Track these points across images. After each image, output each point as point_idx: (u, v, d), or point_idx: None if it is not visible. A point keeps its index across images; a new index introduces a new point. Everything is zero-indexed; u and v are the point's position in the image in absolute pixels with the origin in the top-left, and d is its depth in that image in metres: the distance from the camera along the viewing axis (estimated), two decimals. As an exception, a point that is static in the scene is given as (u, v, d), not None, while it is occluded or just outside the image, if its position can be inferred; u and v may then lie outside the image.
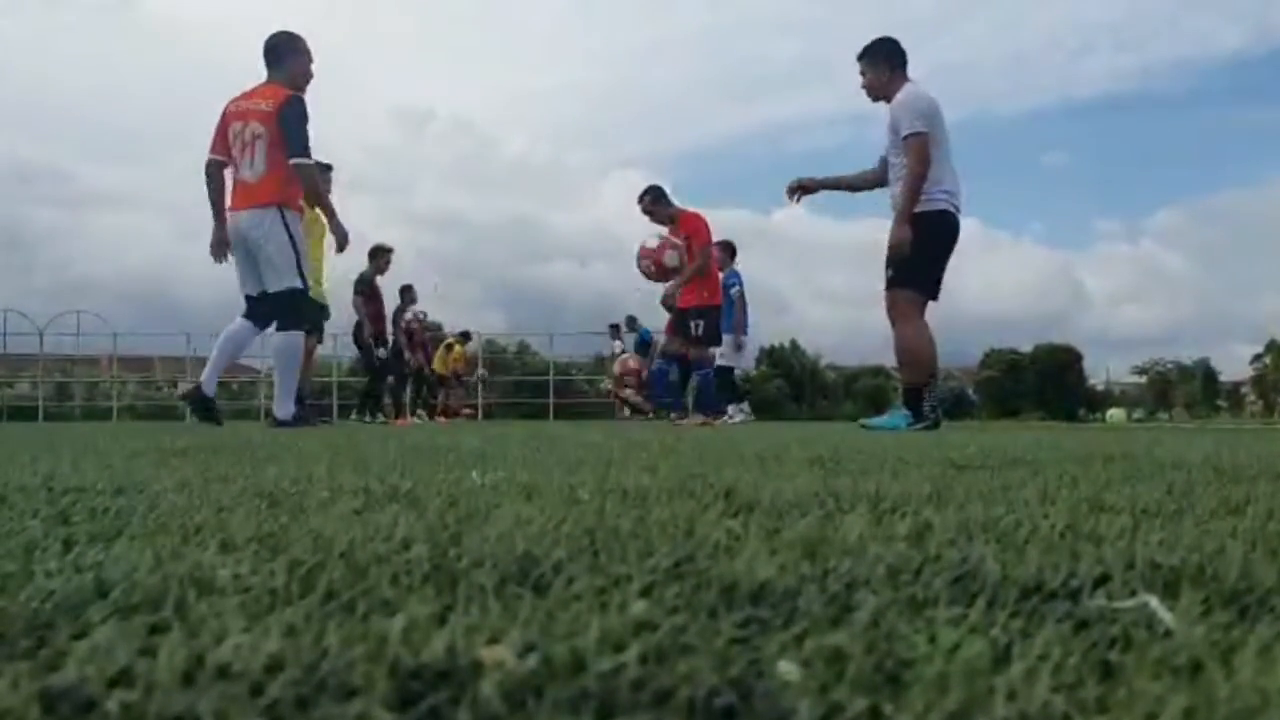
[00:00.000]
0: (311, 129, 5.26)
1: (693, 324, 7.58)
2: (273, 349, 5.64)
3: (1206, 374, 44.66)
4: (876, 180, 5.31)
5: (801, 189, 5.46)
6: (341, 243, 5.70)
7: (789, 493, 1.15)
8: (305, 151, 5.23)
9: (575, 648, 0.44)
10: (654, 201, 7.69)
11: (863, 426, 5.18)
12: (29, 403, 19.04)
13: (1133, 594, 0.58)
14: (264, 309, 5.42)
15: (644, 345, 14.26)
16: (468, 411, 15.30)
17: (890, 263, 5.01)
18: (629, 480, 1.34)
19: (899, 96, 5.02)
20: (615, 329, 15.13)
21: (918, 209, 4.95)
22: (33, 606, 0.53)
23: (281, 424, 5.43)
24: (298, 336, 5.52)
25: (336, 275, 7.32)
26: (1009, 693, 0.39)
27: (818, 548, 0.73)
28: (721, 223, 8.24)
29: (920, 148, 4.88)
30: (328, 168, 7.15)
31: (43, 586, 0.57)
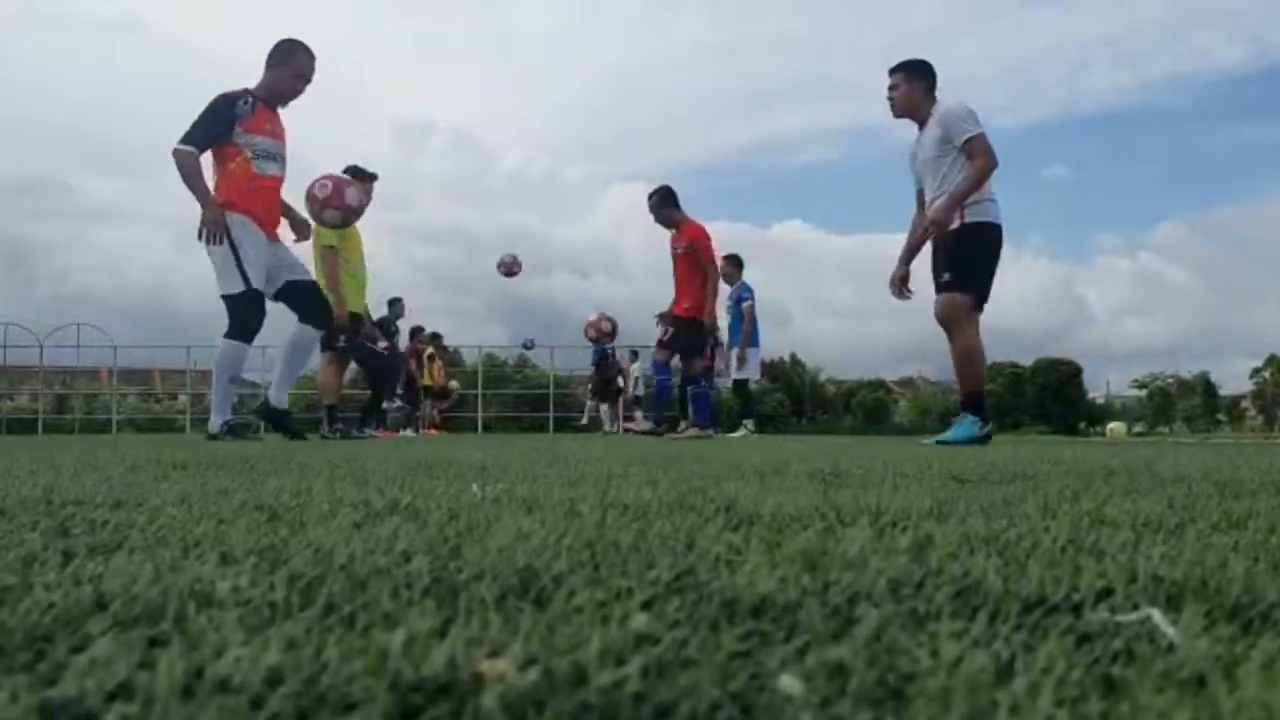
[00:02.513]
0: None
1: (665, 328, 7.51)
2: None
3: (1206, 388, 44.64)
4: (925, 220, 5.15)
5: (903, 281, 5.31)
6: (205, 231, 5.05)
7: (790, 506, 1.15)
8: (186, 138, 5.01)
9: (576, 661, 0.44)
10: (661, 202, 7.43)
11: (939, 444, 4.83)
12: (28, 415, 19.03)
13: (1135, 608, 0.57)
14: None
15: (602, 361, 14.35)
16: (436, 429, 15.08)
17: (948, 267, 4.87)
18: (629, 494, 1.34)
19: (946, 107, 4.96)
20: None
21: (980, 219, 4.85)
22: (32, 619, 0.53)
23: (212, 437, 5.18)
24: (234, 346, 5.23)
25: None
26: (1012, 706, 0.39)
27: (819, 561, 0.73)
28: (721, 236, 8.22)
29: (987, 146, 4.79)
30: (373, 176, 7.05)
31: (42, 599, 0.57)
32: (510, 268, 10.19)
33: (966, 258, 4.86)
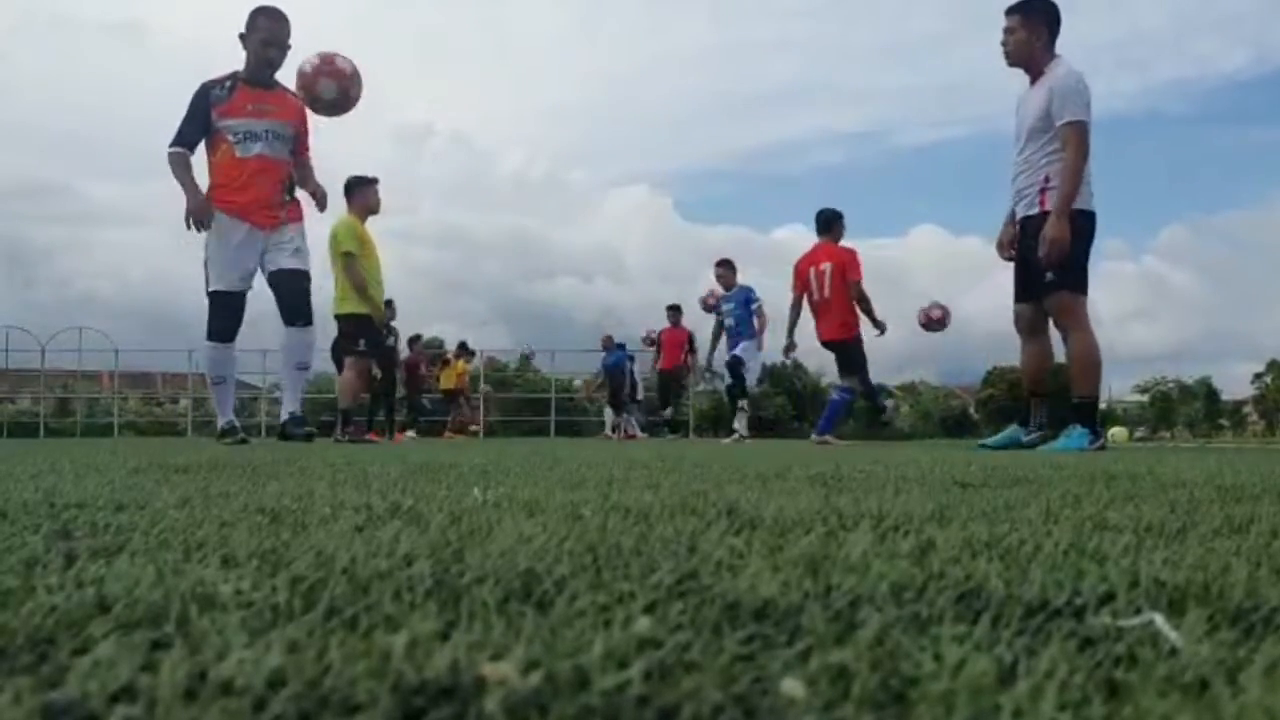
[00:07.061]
0: (196, 119, 5.02)
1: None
2: None
3: (1208, 393, 44.55)
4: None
5: (1011, 244, 4.96)
6: (189, 219, 5.00)
7: (791, 510, 1.15)
8: (174, 139, 5.01)
9: (579, 665, 0.44)
10: (831, 220, 7.82)
11: (1025, 447, 4.69)
12: (30, 418, 19.05)
13: (1138, 612, 0.57)
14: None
15: (616, 367, 14.31)
16: (474, 428, 15.31)
17: (1051, 263, 4.50)
18: (631, 498, 1.34)
19: (1063, 74, 4.57)
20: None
21: (1076, 205, 4.48)
22: (34, 621, 0.53)
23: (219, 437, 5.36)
24: (207, 348, 5.28)
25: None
26: (1015, 710, 0.39)
27: (821, 565, 0.72)
28: (722, 240, 8.23)
29: (1083, 137, 4.47)
30: (374, 180, 6.94)
31: (44, 601, 0.57)
32: (934, 322, 8.90)
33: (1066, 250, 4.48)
